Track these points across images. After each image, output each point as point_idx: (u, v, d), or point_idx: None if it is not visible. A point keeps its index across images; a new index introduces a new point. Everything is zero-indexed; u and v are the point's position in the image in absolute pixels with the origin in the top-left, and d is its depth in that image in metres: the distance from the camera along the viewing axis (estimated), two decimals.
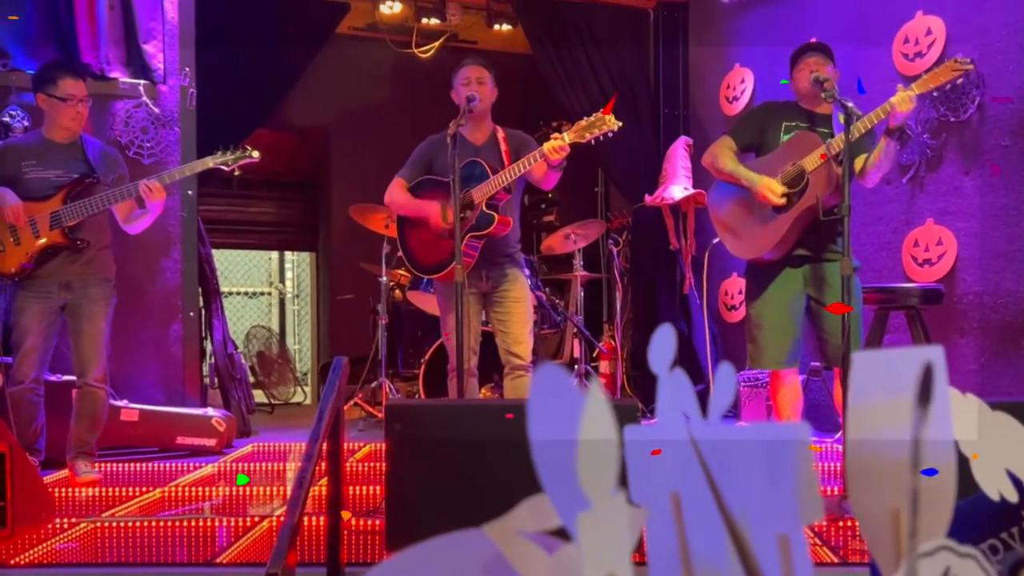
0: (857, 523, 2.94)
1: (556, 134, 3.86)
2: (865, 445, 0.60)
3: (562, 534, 0.59)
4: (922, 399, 0.51)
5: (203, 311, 5.76)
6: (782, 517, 0.57)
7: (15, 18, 4.83)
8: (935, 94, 4.72)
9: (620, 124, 3.85)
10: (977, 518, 0.94)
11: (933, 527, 0.58)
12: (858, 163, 3.79)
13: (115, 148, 4.50)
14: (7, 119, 4.76)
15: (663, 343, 0.66)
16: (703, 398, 0.64)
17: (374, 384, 6.21)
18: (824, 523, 3.15)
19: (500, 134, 4.16)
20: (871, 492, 0.58)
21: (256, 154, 4.25)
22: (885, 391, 0.59)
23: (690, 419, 0.66)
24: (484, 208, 3.96)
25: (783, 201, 3.80)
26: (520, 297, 4.12)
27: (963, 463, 0.69)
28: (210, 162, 4.24)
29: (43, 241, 4.03)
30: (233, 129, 5.85)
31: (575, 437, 0.52)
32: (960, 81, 4.04)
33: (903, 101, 3.51)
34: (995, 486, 0.69)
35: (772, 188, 3.81)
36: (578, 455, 0.52)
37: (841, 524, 3.13)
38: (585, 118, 3.88)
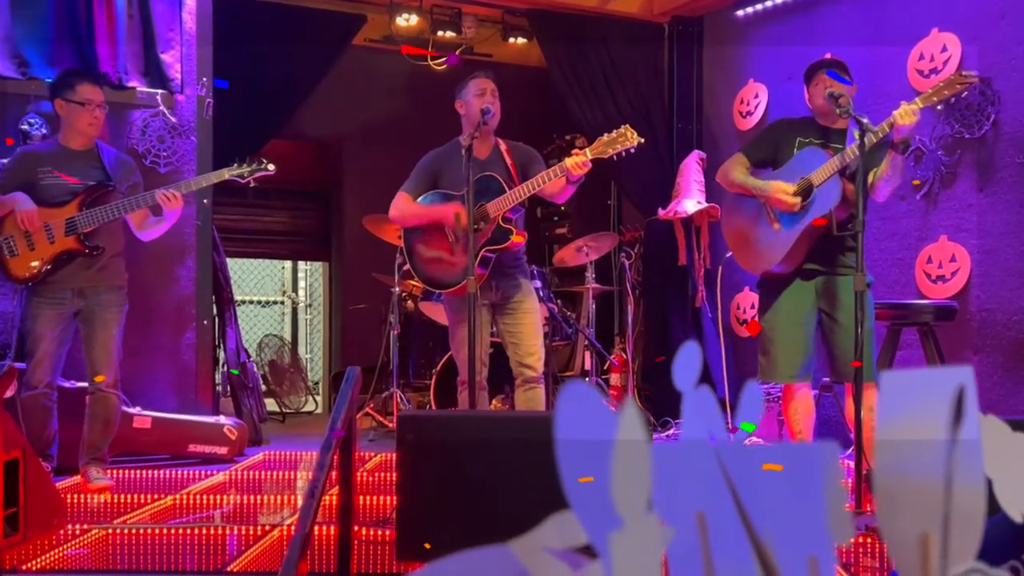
0: (872, 541, 2.92)
1: (577, 150, 3.84)
2: (894, 467, 0.60)
3: (588, 551, 0.59)
4: (954, 421, 0.51)
5: (216, 319, 5.78)
6: (811, 537, 0.57)
7: None
8: (940, 107, 4.71)
9: (642, 140, 3.84)
10: (998, 539, 0.93)
11: (963, 549, 0.57)
12: (871, 177, 3.79)
13: (131, 156, 4.53)
14: (25, 127, 4.80)
15: (688, 360, 0.66)
16: None
17: (385, 394, 6.21)
18: None
19: (503, 147, 4.11)
20: (900, 514, 0.58)
21: (272, 167, 4.27)
22: (914, 412, 0.59)
23: (716, 437, 0.66)
24: (501, 223, 3.95)
25: (797, 200, 3.79)
26: (531, 308, 4.10)
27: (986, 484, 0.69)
28: (226, 173, 4.28)
29: (57, 247, 4.06)
30: (249, 139, 5.89)
31: (608, 455, 0.52)
32: (964, 94, 4.03)
33: (905, 115, 3.51)
34: (1018, 507, 0.68)
35: (783, 189, 3.81)
36: (612, 472, 0.52)
37: (853, 541, 3.11)
38: (606, 134, 3.87)
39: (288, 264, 9.28)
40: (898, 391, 0.58)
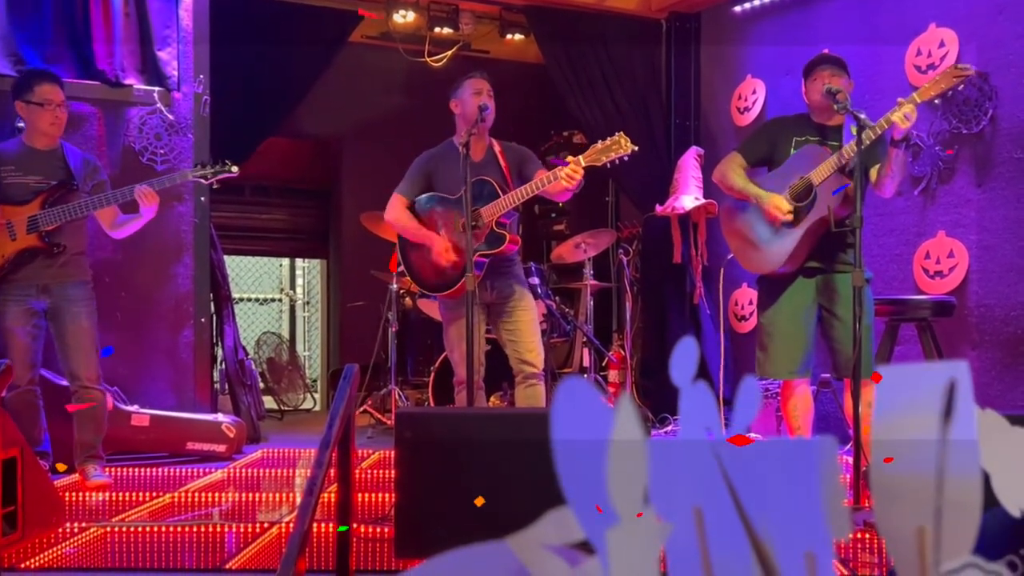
0: (870, 537, 2.93)
1: (571, 157, 3.83)
2: (890, 461, 0.60)
3: (585, 547, 0.59)
4: (946, 415, 0.51)
5: (214, 317, 5.77)
6: (809, 533, 0.57)
7: None
8: (937, 102, 4.71)
9: (636, 148, 3.84)
10: (995, 533, 0.93)
11: (959, 544, 0.57)
12: (873, 173, 3.80)
13: (95, 156, 4.53)
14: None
15: (685, 355, 0.66)
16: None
17: (383, 391, 6.21)
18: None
19: (497, 148, 4.09)
20: (897, 509, 0.58)
21: (235, 169, 4.29)
22: (910, 407, 0.59)
23: (713, 433, 0.66)
24: (495, 228, 3.95)
25: (789, 218, 3.81)
26: (527, 306, 4.10)
27: (983, 478, 0.68)
28: (189, 175, 4.33)
29: (20, 244, 4.07)
30: (246, 136, 5.88)
31: (604, 452, 0.52)
32: (961, 87, 4.03)
33: (902, 118, 3.50)
34: (1016, 502, 0.68)
35: (779, 205, 3.82)
36: (608, 468, 0.52)
37: (851, 536, 3.11)
38: (600, 141, 3.86)
39: (286, 262, 9.28)
40: (895, 386, 0.58)
